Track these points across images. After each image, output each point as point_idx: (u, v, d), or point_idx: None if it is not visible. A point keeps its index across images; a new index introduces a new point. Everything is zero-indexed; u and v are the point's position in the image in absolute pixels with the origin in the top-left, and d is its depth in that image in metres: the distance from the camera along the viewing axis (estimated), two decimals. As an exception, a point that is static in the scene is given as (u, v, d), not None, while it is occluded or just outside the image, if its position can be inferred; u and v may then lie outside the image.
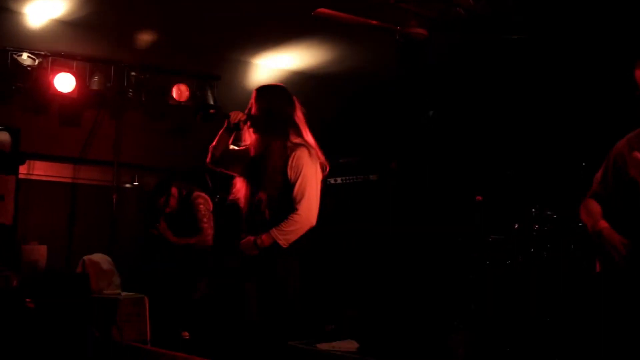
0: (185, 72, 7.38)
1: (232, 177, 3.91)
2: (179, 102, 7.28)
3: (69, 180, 7.44)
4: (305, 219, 3.57)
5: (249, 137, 3.80)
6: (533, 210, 5.70)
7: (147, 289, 6.08)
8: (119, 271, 6.25)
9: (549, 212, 5.67)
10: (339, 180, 7.13)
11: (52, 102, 6.97)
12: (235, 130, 3.79)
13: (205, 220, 6.06)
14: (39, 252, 6.06)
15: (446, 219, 6.40)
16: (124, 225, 7.33)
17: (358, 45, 7.08)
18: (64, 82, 6.73)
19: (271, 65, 8.03)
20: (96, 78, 7.02)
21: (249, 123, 3.72)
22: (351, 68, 7.74)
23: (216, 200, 7.48)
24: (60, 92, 6.73)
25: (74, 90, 6.81)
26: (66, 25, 6.82)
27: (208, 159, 3.88)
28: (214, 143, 3.83)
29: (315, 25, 5.88)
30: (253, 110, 3.73)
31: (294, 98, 3.82)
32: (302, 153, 3.61)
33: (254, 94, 3.78)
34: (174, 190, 6.16)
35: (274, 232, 3.54)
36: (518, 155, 6.37)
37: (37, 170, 7.17)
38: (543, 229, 5.65)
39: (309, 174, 3.60)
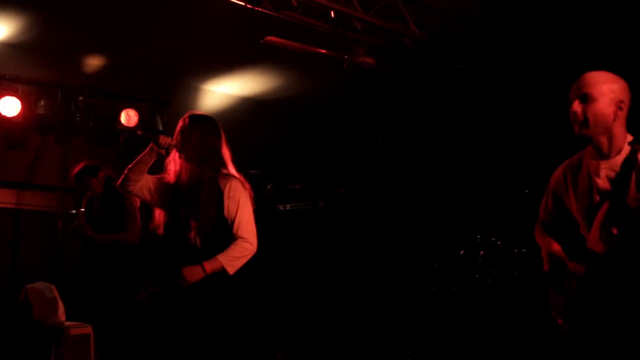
0: (134, 97, 7.33)
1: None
2: (127, 127, 7.20)
3: (13, 206, 7.26)
4: (252, 246, 3.61)
5: (173, 164, 3.70)
6: (478, 236, 5.80)
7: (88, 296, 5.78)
8: (63, 300, 6.11)
9: (493, 239, 5.77)
10: (287, 206, 7.14)
11: (-4, 126, 6.83)
12: (159, 155, 3.66)
13: (131, 217, 5.70)
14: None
15: (393, 245, 6.46)
16: (69, 253, 7.18)
17: (307, 72, 7.14)
18: (9, 106, 6.62)
19: (221, 91, 8.04)
20: (42, 102, 6.92)
21: (176, 150, 3.64)
22: (300, 94, 7.79)
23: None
24: (4, 116, 6.62)
25: (19, 114, 6.69)
26: (12, 48, 6.71)
27: (119, 182, 3.74)
28: (131, 165, 3.69)
29: (265, 52, 5.91)
30: (181, 137, 3.65)
31: (222, 132, 3.80)
32: (237, 184, 3.64)
33: (186, 122, 3.70)
34: (101, 174, 5.78)
35: (222, 259, 3.52)
36: (463, 182, 6.47)
37: (-21, 195, 7.02)
38: (488, 255, 5.75)
39: (246, 203, 3.64)
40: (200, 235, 3.57)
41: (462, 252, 5.80)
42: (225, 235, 3.60)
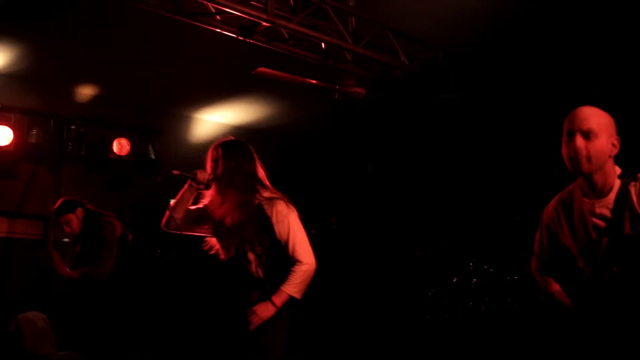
0: (126, 126, 7.35)
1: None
2: (119, 156, 7.23)
3: (4, 235, 7.24)
4: (311, 266, 3.59)
5: (209, 195, 3.68)
6: (470, 264, 5.83)
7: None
8: (55, 329, 6.08)
9: (485, 266, 5.81)
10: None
11: (-13, 155, 6.84)
12: (199, 190, 3.68)
13: (107, 249, 5.29)
14: (-31, 309, 5.85)
15: (387, 273, 6.47)
16: (61, 281, 7.15)
17: (298, 102, 7.21)
18: (1, 135, 6.65)
19: (213, 120, 8.08)
20: (34, 131, 6.93)
21: (215, 182, 3.62)
22: (291, 123, 7.86)
23: (157, 254, 7.42)
24: (-4, 145, 6.64)
25: (11, 143, 6.71)
26: (4, 78, 6.76)
27: (163, 223, 3.75)
28: (173, 205, 3.70)
29: (256, 81, 5.97)
30: (216, 168, 3.64)
31: (254, 153, 3.78)
32: (282, 207, 3.59)
33: (218, 151, 3.67)
34: (78, 211, 5.40)
35: (287, 289, 3.53)
36: (455, 210, 6.52)
37: (-30, 224, 7.00)
38: (480, 282, 5.79)
39: (295, 222, 3.60)
40: (261, 266, 3.56)
41: (454, 280, 5.83)
42: (284, 258, 3.57)
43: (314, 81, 5.66)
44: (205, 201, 3.70)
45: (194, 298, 6.81)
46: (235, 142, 3.77)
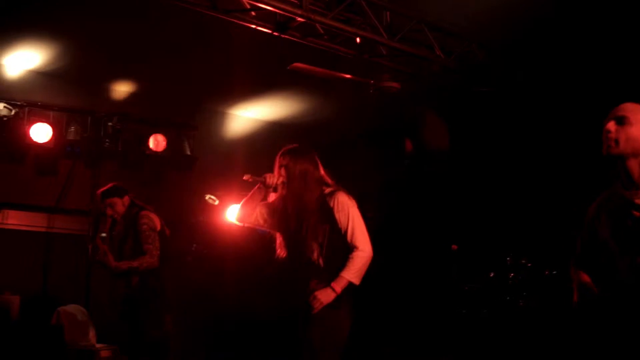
0: (162, 122, 7.43)
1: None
2: (155, 152, 7.31)
3: (44, 230, 7.37)
4: (368, 253, 3.82)
5: (276, 195, 3.99)
6: (508, 259, 5.78)
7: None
8: (94, 322, 6.18)
9: (523, 261, 5.75)
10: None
11: (28, 151, 6.96)
12: (267, 191, 3.99)
13: (149, 241, 5.34)
14: (12, 302, 5.98)
15: (425, 268, 6.44)
16: (99, 275, 7.25)
17: (332, 97, 7.20)
18: (40, 132, 6.76)
19: (247, 115, 8.12)
20: (73, 128, 7.05)
21: (282, 185, 3.90)
22: (326, 118, 7.84)
23: (193, 248, 7.49)
24: (36, 142, 6.75)
25: (50, 140, 6.83)
26: (43, 76, 6.87)
27: (236, 217, 4.08)
28: (244, 201, 4.02)
29: (291, 77, 5.97)
30: (283, 172, 3.90)
31: (315, 155, 4.03)
32: (343, 197, 3.87)
33: (285, 158, 3.93)
34: (125, 198, 5.44)
35: (347, 275, 3.74)
36: (493, 204, 6.46)
37: (11, 219, 7.12)
38: (518, 277, 5.73)
39: (354, 211, 3.86)
40: (322, 254, 3.80)
41: (492, 275, 5.78)
42: (343, 247, 3.81)
43: (349, 75, 5.65)
44: (272, 198, 4.02)
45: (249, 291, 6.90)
46: (297, 149, 4.03)
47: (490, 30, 5.68)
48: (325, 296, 3.72)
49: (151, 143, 7.29)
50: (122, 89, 7.24)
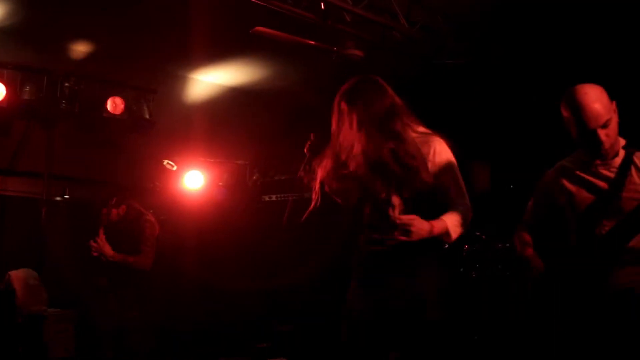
0: (121, 85, 7.26)
1: None
2: (113, 115, 7.15)
3: (-4, 192, 7.23)
4: (470, 212, 3.00)
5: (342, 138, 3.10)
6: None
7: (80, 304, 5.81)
8: (47, 287, 6.09)
9: (477, 233, 5.81)
10: (273, 197, 7.14)
11: (-21, 111, 6.76)
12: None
13: (148, 244, 5.62)
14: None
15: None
16: (53, 240, 7.13)
17: (294, 63, 7.12)
18: (-7, 91, 6.56)
19: (209, 80, 8.00)
20: (28, 88, 6.83)
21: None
22: (287, 85, 7.76)
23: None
24: (-12, 102, 6.56)
25: (3, 100, 6.61)
26: (-4, 32, 6.66)
27: (300, 171, 3.34)
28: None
29: (253, 42, 5.89)
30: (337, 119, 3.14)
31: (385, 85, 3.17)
32: (442, 146, 3.06)
33: (344, 104, 3.09)
34: (122, 208, 5.73)
35: (449, 220, 2.87)
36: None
37: (-39, 181, 6.97)
38: (472, 249, 5.79)
39: (455, 163, 3.07)
40: (407, 211, 2.90)
41: (446, 246, 5.82)
42: (433, 204, 2.93)
43: (312, 42, 5.60)
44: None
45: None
46: (356, 85, 3.16)
47: (458, 3, 5.66)
48: (422, 227, 2.79)
49: (109, 105, 7.12)
50: (80, 49, 7.06)
